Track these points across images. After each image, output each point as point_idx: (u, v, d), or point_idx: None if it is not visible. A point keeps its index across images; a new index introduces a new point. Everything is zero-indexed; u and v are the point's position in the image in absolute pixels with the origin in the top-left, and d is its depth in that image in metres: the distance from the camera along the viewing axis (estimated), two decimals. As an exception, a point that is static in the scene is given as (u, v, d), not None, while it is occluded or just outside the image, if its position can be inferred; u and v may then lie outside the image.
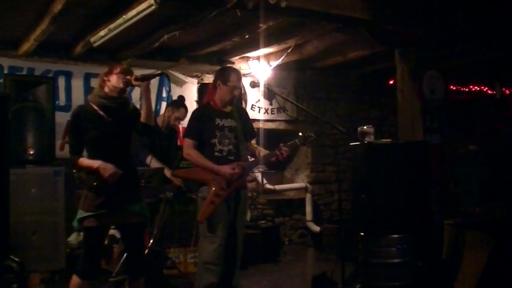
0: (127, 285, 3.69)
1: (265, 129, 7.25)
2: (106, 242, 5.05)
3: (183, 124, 5.79)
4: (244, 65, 7.09)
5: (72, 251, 5.34)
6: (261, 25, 5.04)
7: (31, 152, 5.02)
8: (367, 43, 5.93)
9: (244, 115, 4.19)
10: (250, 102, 7.35)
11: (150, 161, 5.04)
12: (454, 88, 8.47)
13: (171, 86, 6.87)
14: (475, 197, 6.64)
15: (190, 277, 5.08)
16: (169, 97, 6.79)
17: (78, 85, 6.21)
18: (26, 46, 5.59)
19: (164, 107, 6.66)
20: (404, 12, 5.04)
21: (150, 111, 3.49)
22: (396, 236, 4.27)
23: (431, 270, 4.43)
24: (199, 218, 3.81)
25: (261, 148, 4.38)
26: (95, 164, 3.28)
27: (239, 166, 3.86)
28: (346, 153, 6.27)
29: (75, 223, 3.41)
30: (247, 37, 5.56)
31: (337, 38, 6.01)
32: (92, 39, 5.24)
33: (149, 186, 4.55)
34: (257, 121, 7.26)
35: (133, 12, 4.39)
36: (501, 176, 7.08)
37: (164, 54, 6.44)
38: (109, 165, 3.28)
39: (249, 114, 7.20)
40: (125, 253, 3.55)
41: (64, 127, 5.96)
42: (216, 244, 3.76)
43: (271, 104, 7.58)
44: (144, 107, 3.48)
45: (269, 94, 7.25)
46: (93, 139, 3.36)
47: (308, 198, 7.76)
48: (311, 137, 4.11)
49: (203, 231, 3.84)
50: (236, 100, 4.14)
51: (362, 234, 4.44)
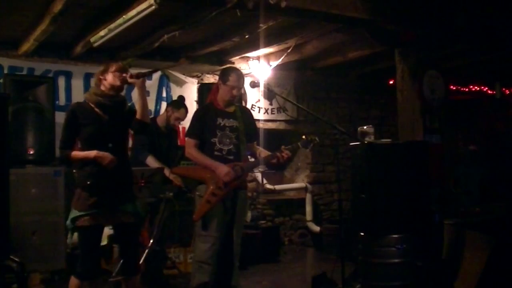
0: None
1: (265, 129, 7.26)
2: (105, 242, 5.06)
3: (183, 124, 5.80)
4: (244, 65, 7.09)
5: (72, 251, 5.33)
6: (261, 25, 5.04)
7: (31, 152, 5.02)
8: (367, 43, 5.93)
9: (248, 117, 4.16)
10: (250, 102, 7.34)
11: (150, 161, 5.05)
12: (454, 88, 8.48)
13: (171, 86, 6.89)
14: (475, 197, 6.64)
15: (190, 277, 5.08)
16: (169, 97, 6.81)
17: (78, 85, 6.21)
18: (26, 46, 5.59)
19: (164, 107, 6.65)
20: (404, 12, 5.04)
21: (145, 108, 3.48)
22: (396, 236, 4.27)
23: (431, 270, 4.43)
24: (194, 217, 3.81)
25: (262, 149, 4.37)
26: (91, 154, 3.29)
27: (238, 166, 3.84)
28: (346, 153, 6.28)
29: (68, 222, 3.39)
30: (247, 37, 5.56)
31: (337, 38, 6.02)
32: (92, 39, 5.24)
33: (149, 186, 4.55)
34: (257, 121, 7.21)
35: (133, 12, 4.39)
36: (501, 176, 7.09)
37: (164, 54, 6.44)
38: (105, 153, 3.30)
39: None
40: (119, 251, 3.54)
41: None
42: (210, 244, 3.75)
43: (271, 104, 7.59)
44: (139, 104, 3.46)
45: (269, 94, 7.24)
46: (88, 136, 3.36)
47: (308, 198, 7.76)
48: (314, 141, 4.09)
49: (198, 229, 3.83)
50: (237, 100, 4.13)
51: (362, 234, 4.44)
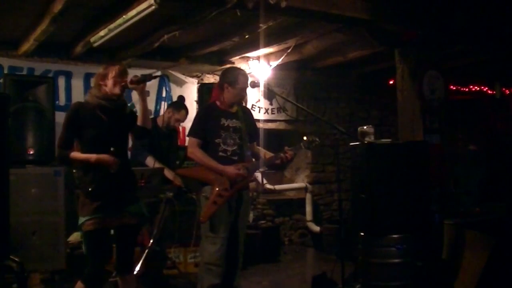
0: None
1: (265, 129, 7.25)
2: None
3: (183, 125, 5.80)
4: (244, 65, 7.09)
5: (72, 251, 5.33)
6: (261, 25, 5.04)
7: (31, 152, 5.02)
8: (367, 43, 5.93)
9: (249, 116, 4.19)
10: (250, 102, 7.34)
11: (150, 162, 5.04)
12: (454, 88, 8.47)
13: (171, 86, 6.89)
14: (475, 197, 6.64)
15: (190, 277, 5.09)
16: (169, 97, 6.81)
17: (78, 85, 6.21)
18: (26, 46, 5.59)
19: (164, 107, 6.66)
20: (404, 12, 5.04)
21: (146, 114, 3.47)
22: (396, 236, 4.27)
23: (431, 270, 4.43)
24: (201, 218, 3.80)
25: (265, 150, 4.37)
26: (92, 157, 3.26)
27: (243, 167, 3.86)
28: (346, 153, 6.27)
29: (79, 231, 3.40)
30: (247, 37, 5.56)
31: (337, 38, 6.01)
32: (92, 39, 5.24)
33: (149, 186, 4.55)
34: (257, 121, 7.22)
35: (133, 12, 4.39)
36: (501, 176, 7.08)
37: (164, 54, 6.43)
38: (105, 155, 3.28)
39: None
40: (116, 250, 3.52)
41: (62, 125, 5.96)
42: (218, 245, 3.75)
43: (271, 104, 7.58)
44: (140, 111, 3.45)
45: (269, 94, 7.25)
46: (90, 139, 3.34)
47: (308, 198, 7.76)
48: (316, 142, 4.11)
49: (205, 231, 3.83)
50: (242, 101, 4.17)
51: (362, 234, 4.44)
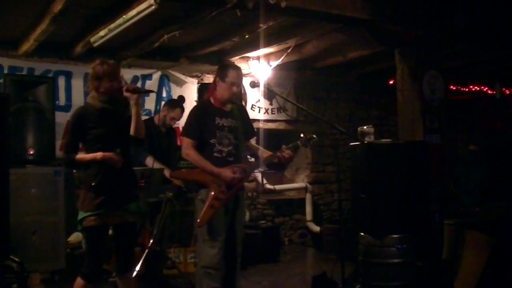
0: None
1: (265, 129, 7.25)
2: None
3: (179, 125, 5.79)
4: (244, 65, 7.08)
5: (72, 251, 5.34)
6: (261, 25, 5.04)
7: (31, 152, 5.02)
8: (367, 43, 5.93)
9: (244, 114, 4.10)
10: (250, 102, 7.35)
11: (149, 162, 5.04)
12: (454, 88, 8.48)
13: (171, 86, 6.89)
14: (475, 197, 6.64)
15: (190, 277, 5.08)
16: (169, 97, 6.81)
17: (78, 85, 6.21)
18: (26, 46, 5.59)
19: (163, 107, 6.67)
20: (404, 12, 5.04)
21: (139, 124, 3.43)
22: (396, 236, 4.26)
23: (431, 270, 4.43)
24: (198, 223, 3.67)
25: (263, 149, 4.33)
26: (98, 155, 3.31)
27: (240, 168, 3.78)
28: (346, 153, 6.28)
29: (78, 225, 3.40)
30: (247, 37, 5.56)
31: (337, 38, 6.01)
32: (92, 39, 5.24)
33: (149, 186, 4.54)
34: (257, 121, 7.26)
35: (133, 12, 4.39)
36: (501, 176, 7.09)
37: (164, 54, 6.44)
38: (111, 153, 3.32)
39: (249, 114, 7.29)
40: (116, 249, 3.53)
41: (64, 127, 5.96)
42: (217, 249, 3.66)
43: (271, 104, 7.58)
44: (133, 121, 3.40)
45: (269, 94, 7.24)
46: (95, 139, 3.38)
47: (308, 198, 7.76)
48: (313, 139, 4.02)
49: (202, 234, 3.73)
50: (236, 98, 4.09)
51: (362, 234, 4.44)
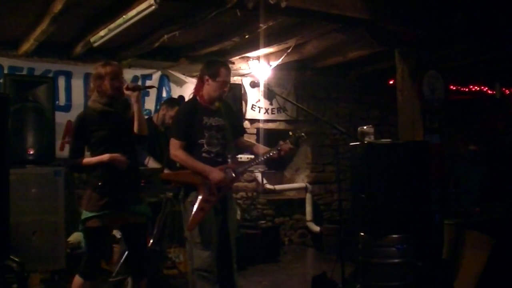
0: (126, 285, 3.68)
1: (265, 129, 7.27)
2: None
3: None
4: (244, 65, 7.10)
5: (72, 251, 5.34)
6: (261, 25, 5.04)
7: (31, 152, 5.01)
8: (367, 43, 5.93)
9: (231, 112, 3.99)
10: (250, 102, 7.35)
11: (149, 162, 5.04)
12: (454, 88, 8.47)
13: (171, 86, 6.88)
14: (475, 197, 6.64)
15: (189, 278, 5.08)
16: (169, 96, 6.80)
17: (78, 85, 6.20)
18: (26, 46, 5.59)
19: (163, 107, 6.67)
20: (404, 12, 5.04)
21: (142, 122, 3.44)
22: (396, 236, 4.27)
23: (431, 270, 4.44)
24: (188, 226, 3.61)
25: (258, 144, 4.26)
26: (105, 158, 3.32)
27: (229, 169, 3.69)
28: (346, 153, 6.28)
29: (80, 224, 3.41)
30: (247, 37, 5.57)
31: (337, 38, 6.01)
32: (92, 39, 5.24)
33: (149, 186, 4.55)
34: (257, 121, 7.27)
35: (133, 12, 4.39)
36: (501, 176, 7.08)
37: (164, 54, 6.44)
38: (117, 154, 3.34)
39: (249, 114, 7.35)
40: (128, 253, 3.53)
41: (64, 127, 5.96)
42: (209, 251, 3.59)
43: (271, 104, 7.58)
44: (136, 118, 3.42)
45: (269, 94, 7.24)
46: (99, 141, 3.39)
47: (308, 198, 7.76)
48: (302, 137, 3.95)
49: (193, 237, 3.64)
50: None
51: (362, 234, 4.44)
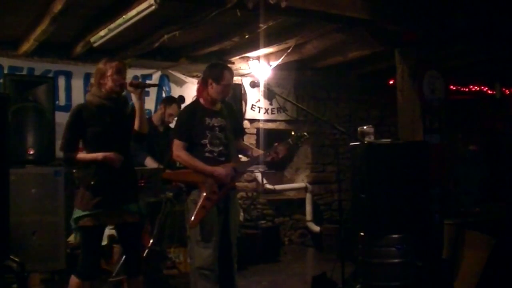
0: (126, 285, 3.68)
1: (265, 129, 7.27)
2: (106, 242, 5.06)
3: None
4: (244, 65, 7.09)
5: (72, 251, 5.34)
6: (261, 25, 5.04)
7: (31, 152, 5.02)
8: (367, 43, 5.93)
9: (233, 113, 4.07)
10: (250, 102, 7.35)
11: (148, 162, 5.04)
12: (454, 88, 8.47)
13: (171, 86, 6.89)
14: (475, 197, 6.64)
15: (190, 285, 5.08)
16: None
17: (78, 85, 6.21)
18: (26, 46, 5.59)
19: (163, 107, 6.67)
20: (404, 12, 5.04)
21: (142, 119, 3.44)
22: (396, 236, 4.27)
23: (431, 270, 4.43)
24: (191, 224, 3.67)
25: (254, 148, 4.32)
26: (99, 156, 3.31)
27: (231, 167, 3.75)
28: (346, 153, 6.28)
29: (72, 222, 3.39)
30: (247, 37, 5.57)
31: (337, 38, 6.01)
32: (92, 39, 5.24)
33: (149, 186, 4.54)
34: (257, 121, 7.27)
35: (133, 12, 4.39)
36: (501, 176, 7.08)
37: (164, 54, 6.44)
38: (112, 153, 3.32)
39: (249, 114, 7.35)
40: (122, 251, 3.53)
41: (64, 127, 5.96)
42: (211, 249, 3.64)
43: (271, 104, 7.58)
44: (137, 116, 3.41)
45: (269, 94, 7.24)
46: (92, 138, 3.37)
47: (308, 198, 7.76)
48: (304, 136, 3.98)
49: (195, 236, 3.69)
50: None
51: (362, 234, 4.44)
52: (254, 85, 4.24)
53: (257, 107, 7.45)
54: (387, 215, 4.33)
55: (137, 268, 3.53)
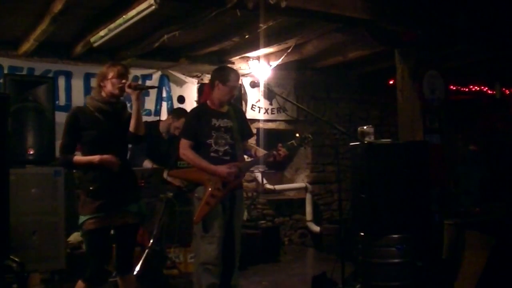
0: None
1: (265, 129, 7.27)
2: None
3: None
4: (244, 65, 7.09)
5: (72, 251, 5.33)
6: (261, 25, 5.04)
7: (31, 152, 5.01)
8: (367, 43, 5.93)
9: (241, 115, 4.19)
10: (250, 102, 7.35)
11: (147, 164, 5.04)
12: (454, 88, 8.47)
13: (171, 86, 6.89)
14: (475, 197, 6.63)
15: (190, 277, 5.08)
16: (169, 97, 6.82)
17: (78, 85, 6.21)
18: (26, 46, 5.59)
19: (164, 107, 6.69)
20: (404, 12, 5.04)
21: (138, 121, 3.41)
22: (396, 236, 4.27)
23: (431, 270, 4.43)
24: (195, 219, 3.82)
25: (258, 148, 4.37)
26: (95, 158, 3.30)
27: (235, 166, 3.86)
28: (346, 153, 6.27)
29: (80, 230, 3.41)
30: (247, 37, 5.57)
31: (337, 38, 6.01)
32: (92, 39, 5.24)
33: (149, 186, 4.55)
34: (257, 121, 7.27)
35: (133, 12, 4.39)
36: (501, 176, 7.07)
37: (164, 54, 6.44)
38: (108, 156, 3.32)
39: (249, 114, 7.35)
40: (116, 250, 3.54)
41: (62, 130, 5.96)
42: (215, 245, 3.76)
43: (271, 104, 7.58)
44: (133, 117, 3.39)
45: (269, 94, 7.25)
46: (89, 141, 3.38)
47: (308, 198, 7.76)
48: (309, 138, 4.09)
49: (199, 231, 3.84)
50: (235, 100, 4.14)
51: (362, 234, 4.44)
52: (254, 85, 4.26)
53: (257, 107, 7.45)
54: (387, 215, 4.33)
55: (129, 265, 3.58)
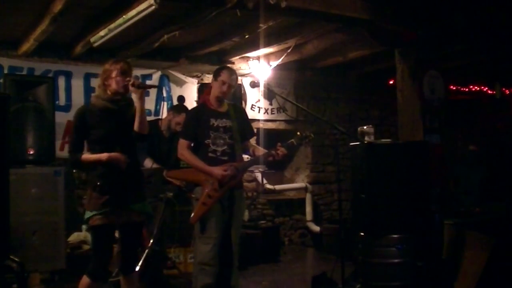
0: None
1: (265, 129, 7.27)
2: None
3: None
4: (244, 65, 7.09)
5: (72, 251, 5.34)
6: (261, 25, 5.04)
7: (31, 152, 5.02)
8: (367, 43, 5.93)
9: (242, 115, 4.15)
10: (250, 102, 7.35)
11: (147, 163, 5.03)
12: (454, 88, 8.48)
13: (171, 86, 6.89)
14: (475, 197, 6.64)
15: (190, 277, 5.07)
16: (169, 97, 6.81)
17: (78, 85, 6.21)
18: (26, 46, 5.59)
19: (164, 107, 6.68)
20: (404, 12, 5.04)
21: (142, 120, 3.41)
22: (396, 236, 4.27)
23: (431, 270, 4.43)
24: (191, 219, 3.81)
25: (257, 146, 4.34)
26: (103, 156, 3.32)
27: (232, 167, 3.83)
28: (346, 153, 6.27)
29: (84, 224, 3.42)
30: (247, 37, 5.57)
31: (337, 38, 6.01)
32: (92, 39, 5.24)
33: (149, 186, 4.53)
34: (257, 121, 7.27)
35: (133, 12, 4.39)
36: (501, 176, 7.08)
37: (164, 54, 6.44)
38: (117, 154, 3.35)
39: (249, 114, 7.30)
40: (121, 249, 3.54)
41: (64, 127, 5.96)
42: (211, 245, 3.74)
43: (271, 104, 7.58)
44: (137, 116, 3.39)
45: (269, 94, 7.25)
46: (96, 140, 3.39)
47: (308, 198, 7.76)
48: (309, 137, 4.03)
49: (197, 232, 3.84)
50: (236, 100, 4.12)
51: (362, 234, 4.44)
52: (254, 85, 4.25)
53: (257, 107, 7.45)
54: (387, 215, 4.33)
55: (133, 265, 3.59)
